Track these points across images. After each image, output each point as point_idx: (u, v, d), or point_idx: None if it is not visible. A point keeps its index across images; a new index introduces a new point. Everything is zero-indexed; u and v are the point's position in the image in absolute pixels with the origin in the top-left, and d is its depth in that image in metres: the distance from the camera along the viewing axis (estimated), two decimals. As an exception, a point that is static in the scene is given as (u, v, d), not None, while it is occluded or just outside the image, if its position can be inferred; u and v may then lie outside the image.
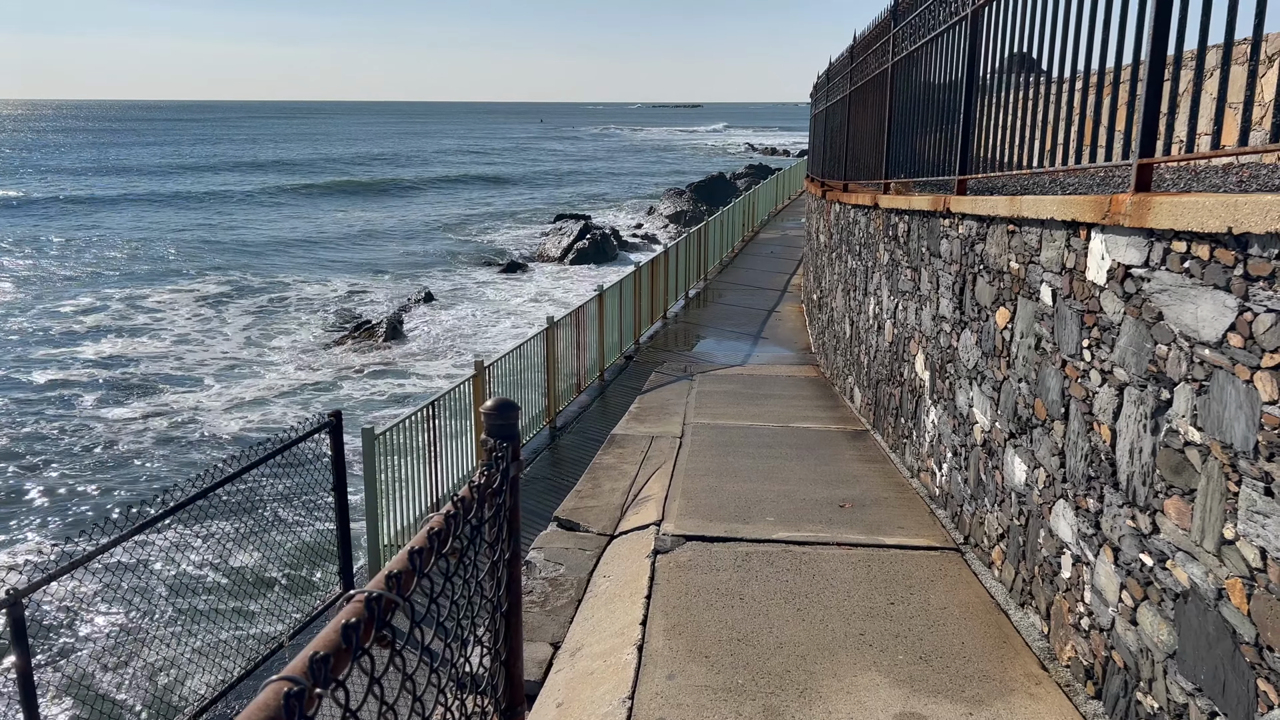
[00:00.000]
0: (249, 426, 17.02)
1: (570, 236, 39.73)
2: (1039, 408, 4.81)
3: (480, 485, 1.74)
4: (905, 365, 8.06)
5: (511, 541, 2.06)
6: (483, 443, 2.02)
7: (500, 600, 2.00)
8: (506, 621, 2.05)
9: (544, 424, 11.39)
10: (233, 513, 7.41)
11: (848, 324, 11.37)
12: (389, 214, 53.38)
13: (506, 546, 2.03)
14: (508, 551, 2.03)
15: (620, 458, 8.28)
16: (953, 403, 6.51)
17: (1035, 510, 4.85)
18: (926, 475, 7.23)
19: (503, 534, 1.99)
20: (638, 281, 15.45)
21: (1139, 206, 3.63)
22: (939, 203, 6.80)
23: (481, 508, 1.77)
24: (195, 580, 8.62)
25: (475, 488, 1.73)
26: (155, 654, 8.06)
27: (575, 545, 6.24)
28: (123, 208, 51.91)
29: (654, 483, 7.33)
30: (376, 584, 1.28)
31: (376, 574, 1.30)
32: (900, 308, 8.29)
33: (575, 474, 9.54)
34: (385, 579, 1.28)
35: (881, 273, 9.21)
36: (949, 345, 6.65)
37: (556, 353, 11.61)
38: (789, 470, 7.69)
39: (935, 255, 7.07)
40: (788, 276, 22.14)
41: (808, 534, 6.11)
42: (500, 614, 2.01)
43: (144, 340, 24.54)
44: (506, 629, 2.04)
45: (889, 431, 8.62)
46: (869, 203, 9.73)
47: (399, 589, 1.29)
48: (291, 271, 36.08)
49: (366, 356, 22.67)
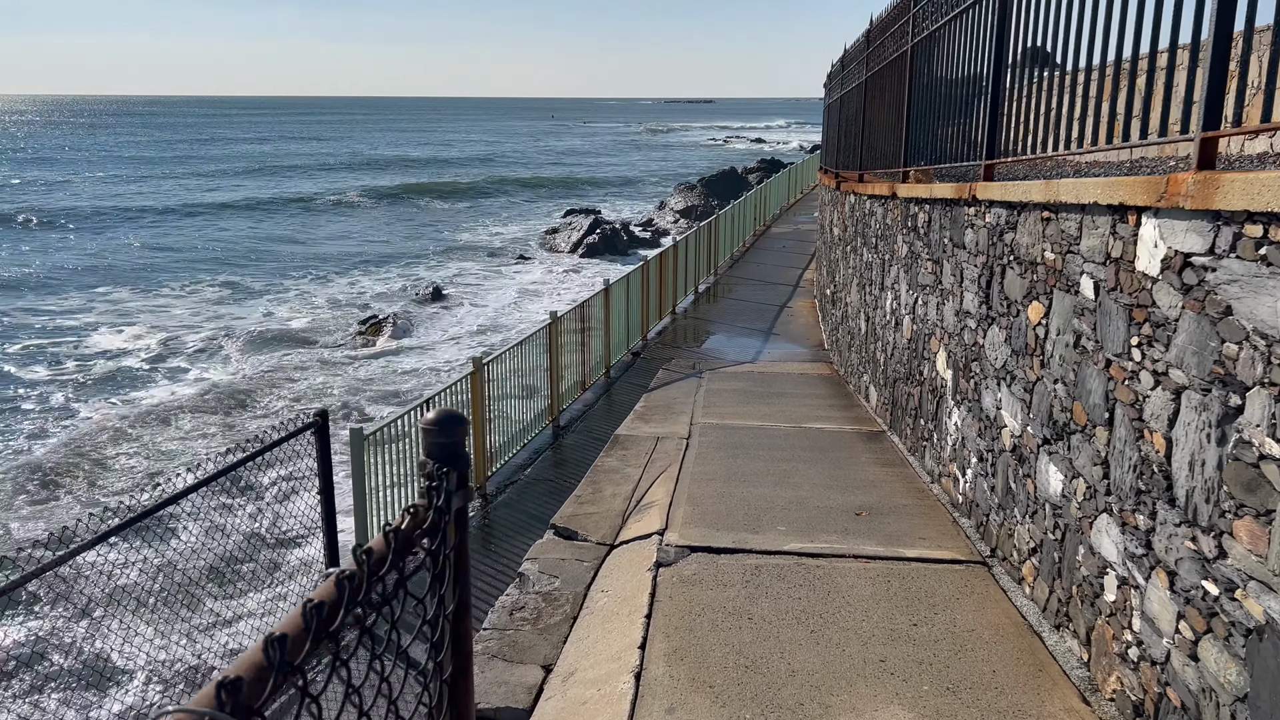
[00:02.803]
0: (236, 423, 16.64)
1: (580, 231, 39.31)
2: (1078, 412, 4.37)
3: (398, 529, 1.32)
4: (925, 363, 7.62)
5: (458, 589, 1.65)
6: (420, 465, 1.60)
7: (442, 665, 1.59)
8: (451, 689, 1.64)
9: (546, 422, 10.98)
10: (210, 520, 7.04)
11: (863, 320, 10.93)
12: (392, 207, 53.03)
13: (451, 597, 1.61)
14: (451, 603, 1.61)
15: (623, 460, 7.87)
16: (978, 404, 6.07)
17: (1073, 524, 4.41)
18: (948, 481, 6.79)
19: (445, 582, 1.58)
20: (646, 276, 15.03)
21: (1204, 186, 3.19)
22: (963, 190, 6.35)
23: (402, 555, 1.36)
24: (161, 596, 8.18)
25: (392, 533, 1.32)
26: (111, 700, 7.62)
27: (573, 556, 5.83)
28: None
29: (658, 487, 6.91)
30: (202, 700, 0.86)
31: (202, 692, 0.88)
32: (920, 303, 7.85)
33: (578, 475, 9.13)
34: (217, 693, 0.86)
35: (899, 266, 8.76)
36: (974, 343, 6.21)
37: (560, 349, 11.20)
38: (802, 474, 7.26)
39: (959, 246, 6.63)
40: (800, 271, 21.67)
41: (822, 545, 5.68)
42: (442, 681, 1.60)
43: (146, 331, 24.25)
44: (451, 701, 1.63)
45: (907, 433, 8.18)
46: (886, 193, 9.28)
47: (241, 712, 0.87)
48: (294, 266, 35.79)
49: (371, 352, 22.30)
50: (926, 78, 8.01)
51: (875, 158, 10.53)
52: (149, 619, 6.43)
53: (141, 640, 6.31)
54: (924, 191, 7.63)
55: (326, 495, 7.02)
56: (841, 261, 13.20)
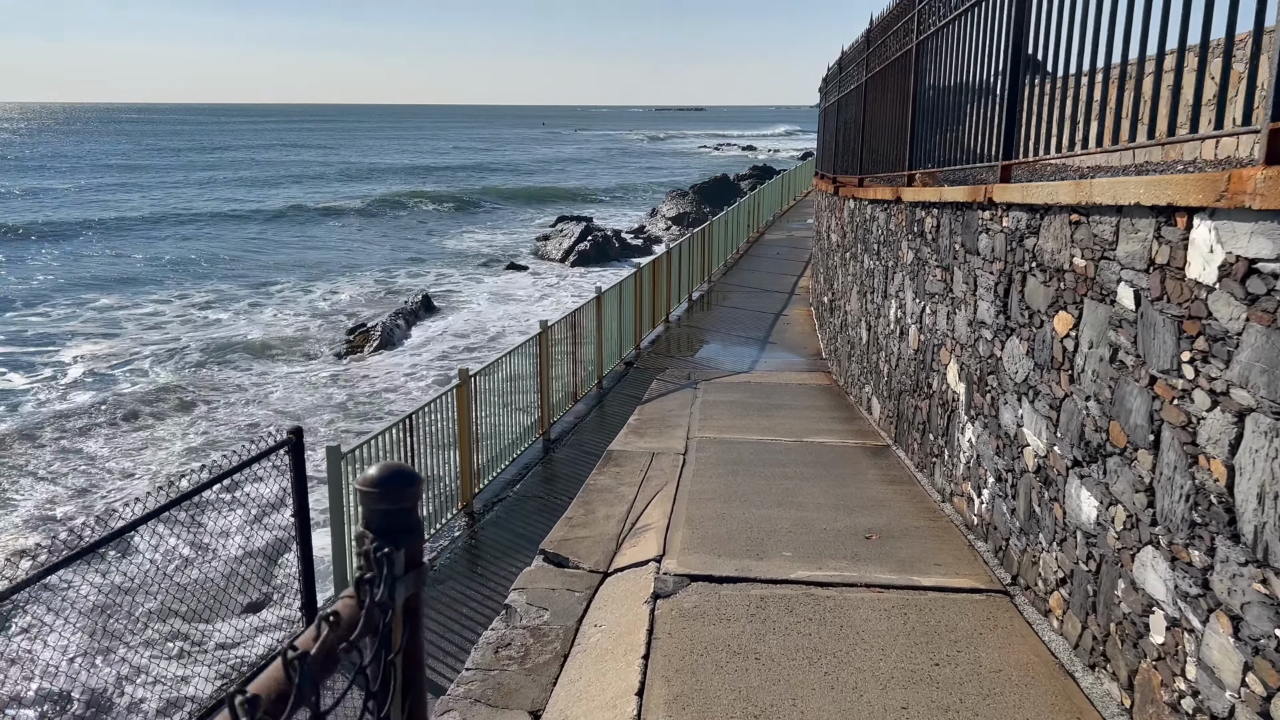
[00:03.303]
0: (208, 442, 16.09)
1: (571, 238, 38.93)
2: (1115, 433, 4.00)
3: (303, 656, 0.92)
4: (934, 376, 7.25)
5: (408, 699, 1.25)
6: (356, 539, 1.21)
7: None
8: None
9: (536, 436, 10.58)
10: (181, 541, 6.62)
11: (864, 329, 10.56)
12: (382, 216, 52.56)
13: (399, 710, 1.22)
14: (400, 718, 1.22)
15: (617, 478, 7.46)
16: (995, 420, 5.69)
17: (1111, 555, 4.03)
18: (961, 501, 6.41)
19: (391, 692, 1.18)
20: (638, 283, 14.65)
21: (1275, 183, 2.82)
22: (978, 193, 5.99)
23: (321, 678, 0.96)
24: (127, 624, 7.72)
25: (296, 659, 0.92)
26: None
27: (563, 585, 5.42)
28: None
29: (654, 508, 6.51)
30: None
31: None
32: (928, 311, 7.48)
33: (569, 492, 8.73)
34: None
35: (904, 273, 8.40)
36: (990, 355, 5.84)
37: (550, 359, 10.81)
38: (805, 493, 6.87)
39: (972, 252, 6.26)
40: (795, 278, 21.32)
41: (831, 573, 5.29)
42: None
43: (122, 340, 23.75)
44: None
45: (914, 448, 7.81)
46: (890, 197, 8.92)
47: None
48: (280, 274, 35.30)
49: (357, 363, 21.83)
50: (933, 77, 7.66)
51: (877, 161, 10.18)
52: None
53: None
54: (932, 195, 7.27)
55: (302, 519, 6.60)
56: (840, 268, 12.84)
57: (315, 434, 16.31)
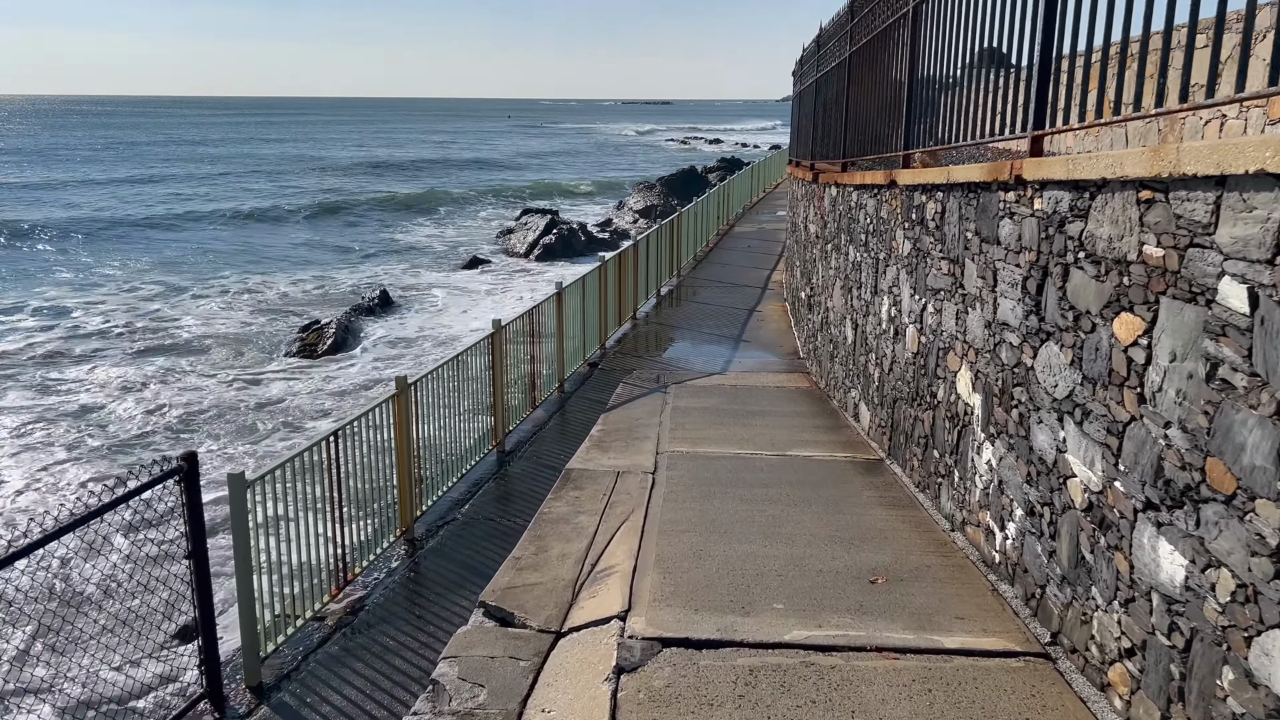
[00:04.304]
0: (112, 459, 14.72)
1: (536, 231, 37.83)
2: (1216, 473, 3.07)
3: None
4: (940, 384, 6.32)
5: None
6: None
7: None
8: None
9: (490, 447, 9.54)
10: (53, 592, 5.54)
11: (849, 328, 9.63)
12: (339, 211, 50.98)
13: None
14: None
15: (576, 504, 6.45)
16: (1025, 442, 4.76)
17: (1210, 633, 3.10)
18: (977, 532, 5.48)
19: None
20: (603, 278, 13.63)
21: None
22: (999, 171, 5.05)
23: None
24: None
25: None
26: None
27: (506, 651, 4.40)
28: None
29: (619, 544, 5.52)
30: None
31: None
32: (930, 310, 6.55)
33: (525, 513, 7.72)
34: None
35: (900, 266, 7.47)
36: (1016, 363, 4.91)
37: (505, 362, 9.77)
38: (795, 522, 5.92)
39: (990, 241, 5.32)
40: (768, 272, 20.40)
41: (834, 632, 4.33)
42: None
43: (48, 336, 22.30)
44: None
45: (914, 465, 6.88)
46: (881, 181, 7.98)
47: None
48: (228, 266, 33.84)
49: (305, 366, 20.56)
50: (936, 42, 6.71)
51: (864, 143, 9.24)
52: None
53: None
54: (936, 177, 6.33)
55: (199, 562, 5.52)
56: (820, 261, 11.91)
57: (255, 450, 15.13)
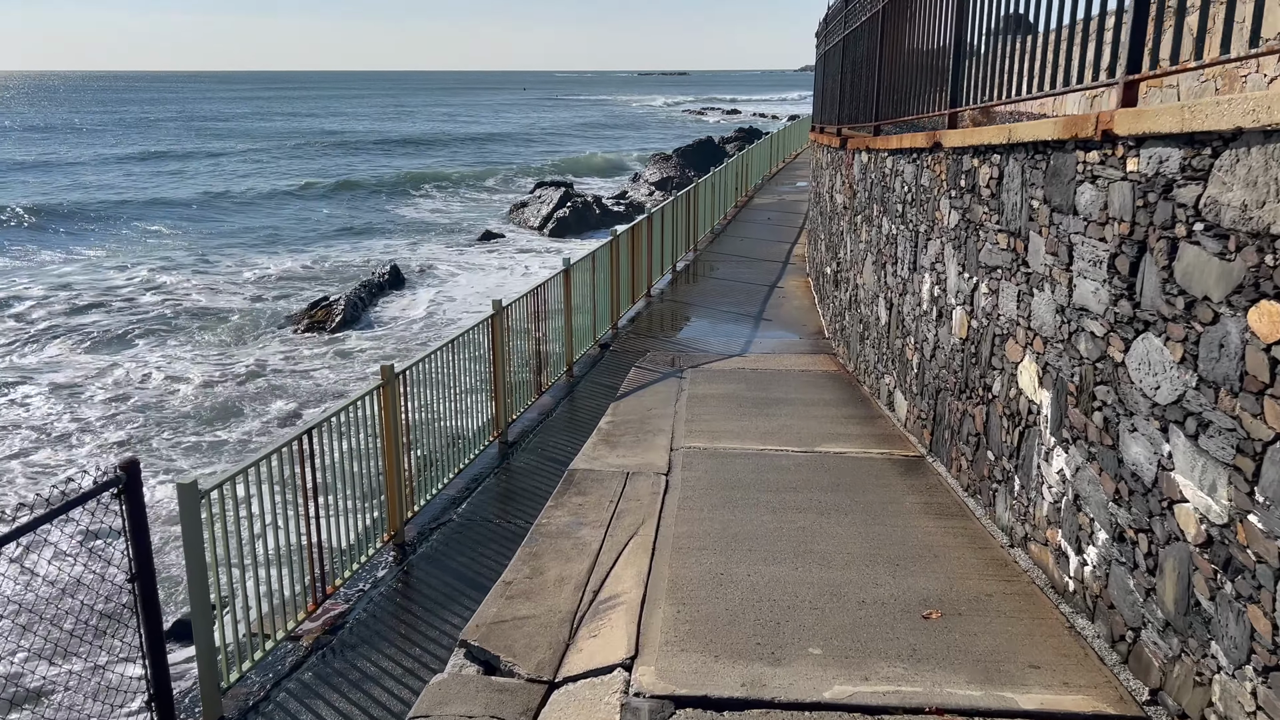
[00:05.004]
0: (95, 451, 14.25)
1: (550, 205, 36.99)
2: None
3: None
4: (996, 375, 5.51)
5: None
6: None
7: None
8: None
9: (491, 439, 8.79)
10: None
11: (882, 307, 8.80)
12: (353, 186, 50.18)
13: None
14: None
15: (578, 513, 5.69)
16: (1113, 452, 3.96)
17: None
18: (1044, 551, 4.70)
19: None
20: (615, 253, 12.81)
21: None
22: (1080, 125, 4.21)
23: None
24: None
25: None
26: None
27: (487, 709, 3.66)
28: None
29: (626, 565, 4.76)
30: None
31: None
32: (983, 290, 5.73)
33: (527, 512, 7.00)
34: None
35: (944, 239, 6.63)
36: (1100, 356, 4.10)
37: (507, 346, 9.00)
38: (829, 535, 5.14)
39: (1064, 210, 4.49)
40: (789, 246, 19.51)
41: (883, 686, 3.56)
42: None
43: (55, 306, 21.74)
44: None
45: (962, 466, 6.08)
46: (923, 144, 7.12)
47: None
48: (239, 243, 33.22)
49: (306, 349, 19.82)
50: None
51: (900, 103, 8.36)
52: None
53: None
54: (993, 136, 5.48)
55: (144, 583, 4.80)
56: (848, 234, 11.04)
57: (248, 437, 14.49)
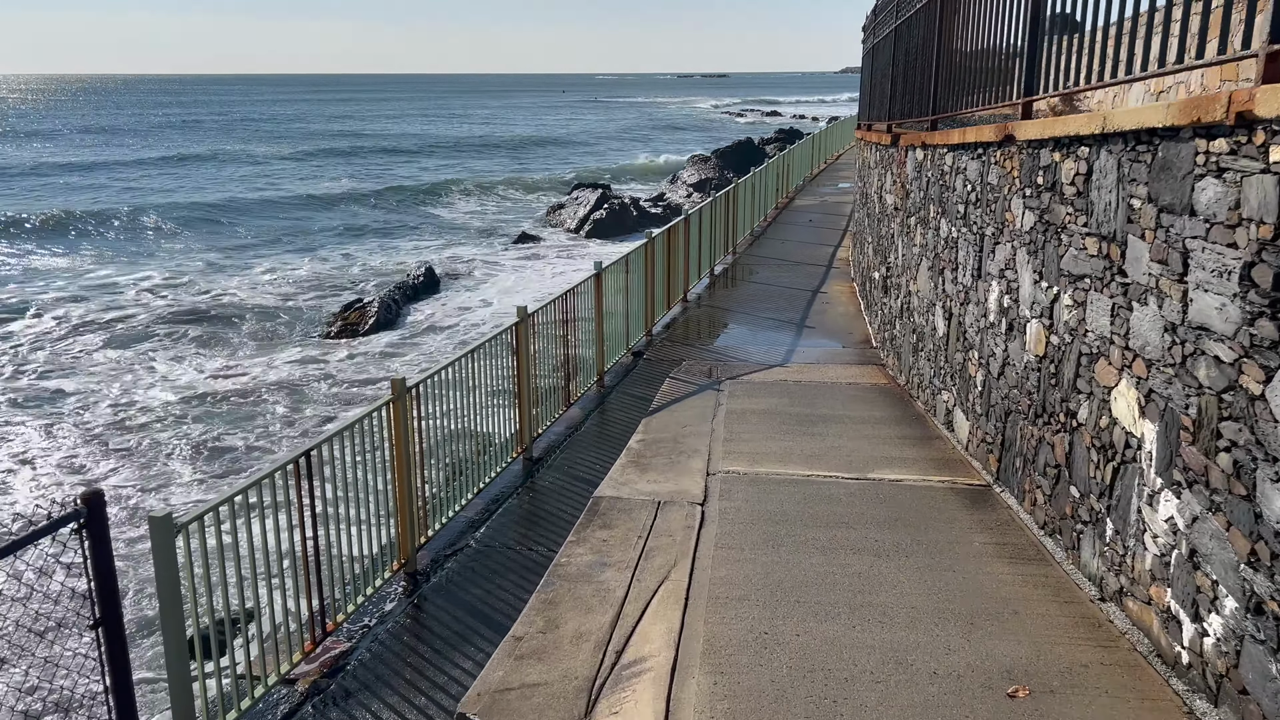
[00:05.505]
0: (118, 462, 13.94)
1: (587, 206, 36.48)
2: None
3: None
4: (1083, 400, 4.79)
5: None
6: None
7: None
8: None
9: (514, 455, 8.20)
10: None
11: (939, 316, 8.08)
12: (391, 188, 50.04)
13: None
14: None
15: (602, 551, 5.06)
16: (1244, 503, 3.25)
17: None
18: (1146, 611, 3.99)
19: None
20: (650, 256, 12.18)
21: None
22: (1205, 109, 3.50)
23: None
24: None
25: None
26: None
27: (484, 808, 3.06)
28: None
29: (655, 619, 4.12)
30: None
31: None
32: (1066, 301, 5.01)
33: (554, 539, 6.39)
34: None
35: (1017, 243, 5.91)
36: (1228, 386, 3.39)
37: (532, 355, 8.41)
38: (889, 584, 4.47)
39: (1175, 211, 3.79)
40: (832, 249, 18.75)
41: (968, 795, 2.89)
42: None
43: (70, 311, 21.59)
44: None
45: (1037, 500, 5.37)
46: (990, 138, 6.41)
47: None
48: (272, 242, 33.10)
49: (336, 354, 19.40)
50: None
51: (962, 94, 7.64)
52: None
53: None
54: (1082, 125, 4.77)
55: (111, 633, 4.25)
56: (900, 237, 10.31)
57: (275, 440, 14.07)
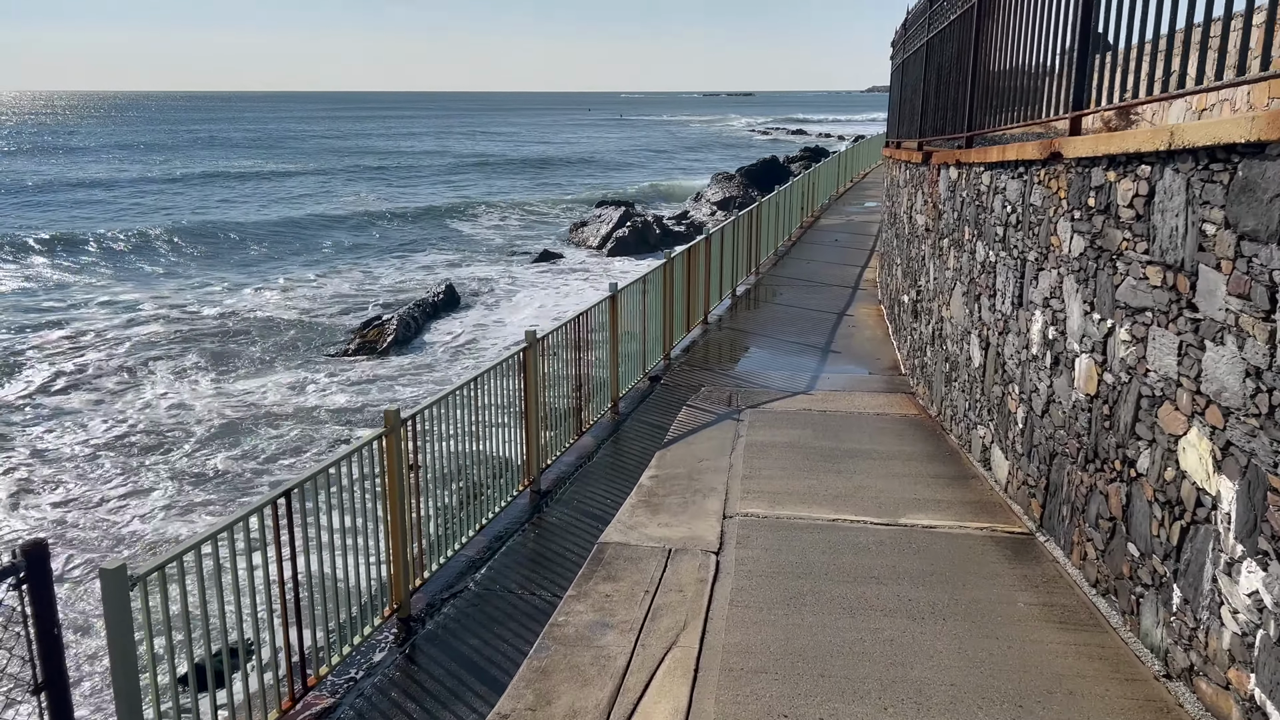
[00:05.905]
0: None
1: (610, 224, 36.21)
2: None
3: None
4: (1145, 448, 4.27)
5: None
6: None
7: None
8: None
9: (520, 488, 7.74)
10: None
11: (975, 345, 7.56)
12: (401, 203, 50.00)
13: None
14: None
15: (604, 609, 4.58)
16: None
17: None
18: (1224, 697, 3.46)
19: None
20: (669, 277, 11.72)
21: None
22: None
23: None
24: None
25: None
26: None
27: None
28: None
29: (660, 695, 3.64)
30: None
31: None
32: (1124, 336, 4.50)
33: (557, 583, 5.93)
34: None
35: (1064, 270, 5.41)
36: (1332, 445, 2.88)
37: (541, 382, 7.96)
38: (926, 654, 3.96)
39: (1261, 240, 3.29)
40: (858, 270, 18.23)
41: None
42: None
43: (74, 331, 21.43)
44: None
45: (1088, 553, 4.84)
46: (1033, 155, 5.91)
47: None
48: (296, 257, 33.00)
49: (353, 373, 19.07)
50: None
51: (1001, 109, 7.14)
52: None
53: None
54: (1143, 141, 4.27)
55: (55, 698, 3.81)
56: (932, 260, 9.80)
57: (292, 461, 13.71)
